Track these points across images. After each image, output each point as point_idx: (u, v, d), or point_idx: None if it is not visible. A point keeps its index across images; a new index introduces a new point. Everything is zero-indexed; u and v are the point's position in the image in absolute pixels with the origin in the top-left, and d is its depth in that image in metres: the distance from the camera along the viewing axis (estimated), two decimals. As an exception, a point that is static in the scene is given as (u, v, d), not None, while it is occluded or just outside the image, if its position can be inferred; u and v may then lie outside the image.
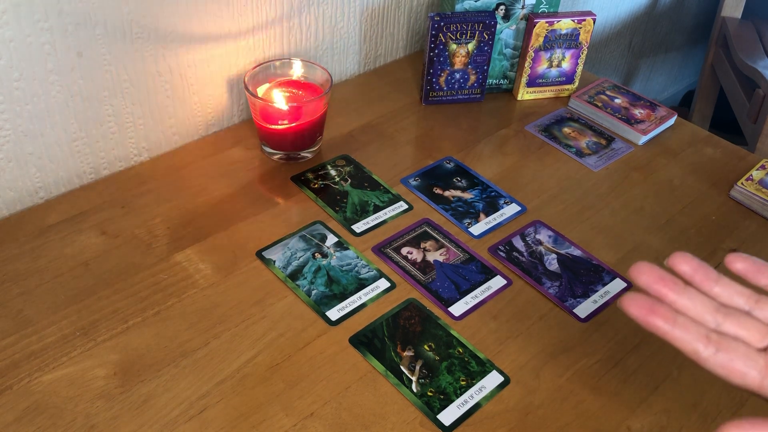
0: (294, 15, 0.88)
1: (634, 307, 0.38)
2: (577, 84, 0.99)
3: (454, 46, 0.91)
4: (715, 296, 0.40)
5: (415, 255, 0.73)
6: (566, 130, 0.93)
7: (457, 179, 0.83)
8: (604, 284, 0.72)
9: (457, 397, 0.60)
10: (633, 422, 0.59)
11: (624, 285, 0.72)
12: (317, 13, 0.91)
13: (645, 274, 0.39)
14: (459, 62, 0.92)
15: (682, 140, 0.93)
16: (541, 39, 0.93)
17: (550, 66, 0.96)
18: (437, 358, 0.63)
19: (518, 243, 0.75)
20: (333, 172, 0.83)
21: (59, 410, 0.56)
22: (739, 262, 0.41)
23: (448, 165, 0.85)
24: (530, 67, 0.95)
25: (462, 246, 0.74)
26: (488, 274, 0.71)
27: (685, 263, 0.40)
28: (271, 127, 0.80)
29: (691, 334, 0.38)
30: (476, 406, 0.59)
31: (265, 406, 0.58)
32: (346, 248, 0.73)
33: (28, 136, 0.72)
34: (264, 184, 0.80)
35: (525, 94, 0.98)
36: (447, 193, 0.81)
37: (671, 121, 0.95)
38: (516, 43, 0.96)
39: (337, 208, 0.77)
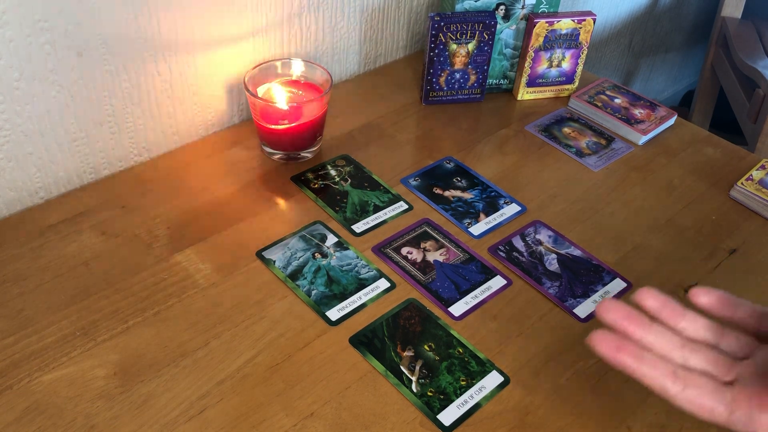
0: (294, 15, 0.88)
1: (602, 344, 0.39)
2: (577, 84, 0.99)
3: (454, 46, 0.91)
4: (681, 331, 0.41)
5: (415, 255, 0.73)
6: (566, 130, 0.93)
7: (457, 179, 0.83)
8: (604, 284, 0.72)
9: (457, 397, 0.60)
10: (633, 422, 0.59)
11: (624, 285, 0.72)
12: (317, 14, 0.91)
13: (612, 311, 0.40)
14: (459, 62, 0.92)
15: (682, 140, 0.93)
16: (541, 39, 0.93)
17: (550, 66, 0.96)
18: (437, 358, 0.63)
19: (518, 243, 0.75)
20: (333, 172, 0.83)
21: (59, 410, 0.56)
22: (702, 296, 0.41)
23: (448, 165, 0.85)
24: (530, 67, 0.95)
25: (462, 246, 0.74)
26: (488, 274, 0.71)
27: (651, 298, 0.41)
28: (271, 127, 0.80)
29: (658, 371, 0.38)
30: (476, 406, 0.59)
31: (265, 406, 0.58)
32: (346, 248, 0.73)
33: (28, 136, 0.72)
34: (264, 184, 0.80)
35: (525, 94, 0.98)
36: (447, 193, 0.81)
37: (671, 121, 0.95)
38: (516, 43, 0.96)
39: (337, 208, 0.77)
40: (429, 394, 0.60)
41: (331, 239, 0.73)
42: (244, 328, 0.64)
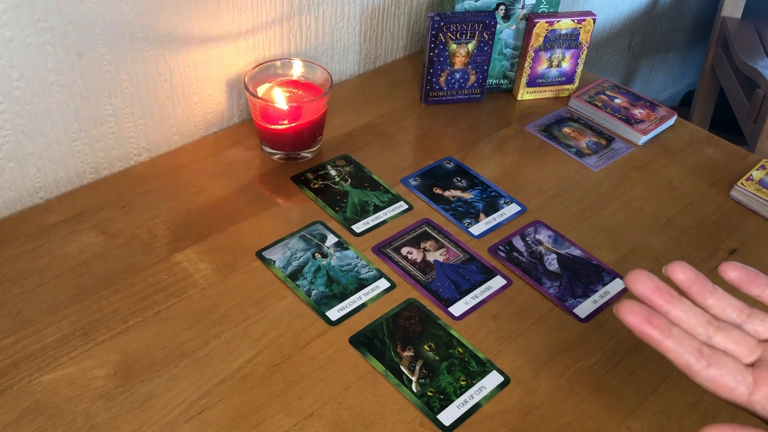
0: (294, 15, 0.88)
1: (630, 315, 0.38)
2: (577, 84, 0.99)
3: (454, 46, 0.91)
4: (708, 308, 0.40)
5: (415, 255, 0.73)
6: (566, 130, 0.93)
7: (457, 179, 0.83)
8: (604, 284, 0.72)
9: (457, 397, 0.60)
10: (633, 422, 0.59)
11: (624, 285, 0.72)
12: (317, 13, 0.91)
13: (641, 283, 0.39)
14: (459, 62, 0.92)
15: (682, 140, 0.93)
16: (541, 39, 0.93)
17: (550, 66, 0.96)
18: (437, 358, 0.63)
19: (518, 243, 0.75)
20: (333, 172, 0.83)
21: (59, 410, 0.56)
22: (732, 271, 0.41)
23: (448, 165, 0.85)
24: (530, 67, 0.95)
25: (462, 246, 0.74)
26: (488, 274, 0.71)
27: (682, 273, 0.40)
28: (271, 127, 0.80)
29: (683, 347, 0.38)
30: (476, 406, 0.59)
31: (265, 406, 0.58)
32: (346, 248, 0.73)
33: (28, 136, 0.72)
34: (264, 184, 0.80)
35: (525, 94, 0.98)
36: (447, 193, 0.81)
37: (671, 121, 0.95)
38: (516, 43, 0.96)
39: (337, 208, 0.77)
40: (429, 394, 0.60)
41: (331, 239, 0.73)
42: (244, 328, 0.64)
